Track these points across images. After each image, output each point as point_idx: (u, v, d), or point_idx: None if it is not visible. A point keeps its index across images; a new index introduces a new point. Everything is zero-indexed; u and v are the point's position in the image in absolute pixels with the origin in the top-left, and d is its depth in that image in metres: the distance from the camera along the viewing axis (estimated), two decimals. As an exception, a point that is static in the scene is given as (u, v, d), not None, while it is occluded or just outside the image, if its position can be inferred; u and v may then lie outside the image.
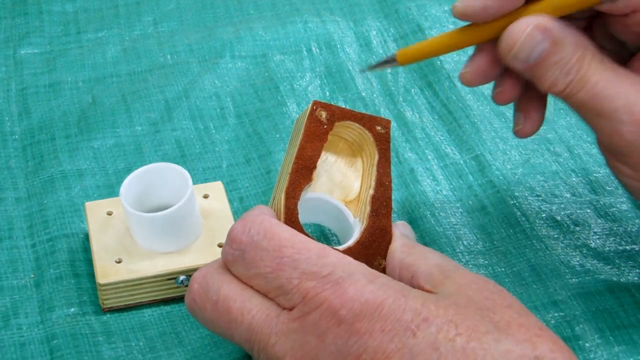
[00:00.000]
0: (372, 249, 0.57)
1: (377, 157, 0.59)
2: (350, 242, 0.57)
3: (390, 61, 0.58)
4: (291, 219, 0.56)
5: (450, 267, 0.53)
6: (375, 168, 0.59)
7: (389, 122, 0.61)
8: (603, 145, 0.56)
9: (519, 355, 0.47)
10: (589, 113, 0.55)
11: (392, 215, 0.58)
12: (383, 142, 0.60)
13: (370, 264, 0.56)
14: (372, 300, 0.49)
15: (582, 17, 0.56)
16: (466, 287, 0.51)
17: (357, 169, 0.61)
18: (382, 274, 0.51)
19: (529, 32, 0.54)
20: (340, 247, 0.56)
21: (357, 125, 0.60)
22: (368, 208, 0.58)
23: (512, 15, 0.55)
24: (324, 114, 0.60)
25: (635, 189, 0.57)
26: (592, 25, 0.58)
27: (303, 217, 0.57)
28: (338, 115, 0.60)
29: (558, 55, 0.54)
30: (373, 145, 0.59)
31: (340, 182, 0.61)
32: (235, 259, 0.52)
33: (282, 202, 0.56)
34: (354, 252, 0.56)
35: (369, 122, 0.60)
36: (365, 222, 0.57)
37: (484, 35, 0.56)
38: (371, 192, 0.58)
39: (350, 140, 0.61)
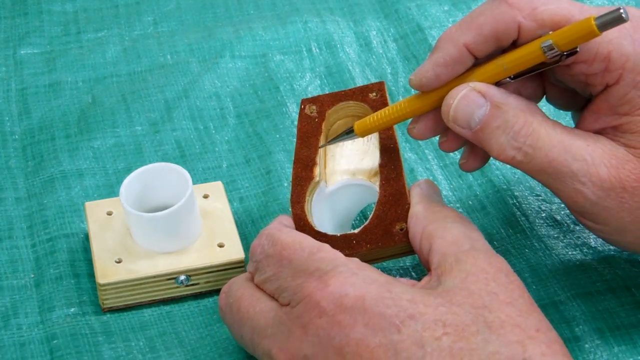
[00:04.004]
0: (388, 218, 0.57)
1: None
2: (367, 221, 0.57)
3: (348, 133, 0.60)
4: (300, 223, 0.57)
5: (466, 246, 0.53)
6: (378, 135, 0.59)
7: (381, 84, 0.61)
8: (568, 206, 0.56)
9: (507, 357, 0.47)
10: (548, 179, 0.55)
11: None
12: (380, 106, 0.60)
13: (391, 233, 0.56)
14: (353, 293, 0.50)
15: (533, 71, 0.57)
16: (473, 277, 0.51)
17: (377, 140, 0.61)
18: (369, 267, 0.52)
19: (462, 94, 0.55)
20: (357, 230, 0.57)
21: (352, 102, 0.60)
22: (379, 179, 0.58)
23: (461, 79, 0.56)
24: (314, 108, 0.61)
25: (607, 240, 0.58)
26: (545, 79, 0.59)
27: (341, 210, 0.57)
28: (328, 102, 0.61)
29: (500, 118, 0.54)
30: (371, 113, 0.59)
31: (361, 161, 0.61)
32: (254, 270, 0.55)
33: (291, 210, 0.58)
34: (370, 228, 0.56)
35: (360, 94, 0.61)
36: (378, 193, 0.58)
37: (437, 100, 0.57)
38: (379, 161, 0.59)
39: (360, 115, 0.61)
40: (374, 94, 0.61)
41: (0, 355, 0.58)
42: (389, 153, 0.59)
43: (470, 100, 0.55)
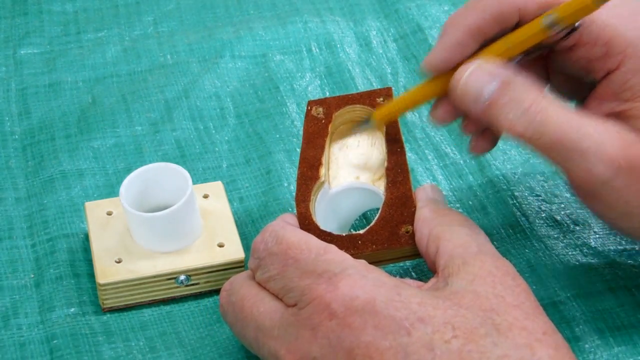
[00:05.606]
0: (394, 220, 0.57)
1: (384, 128, 0.59)
2: (373, 222, 0.57)
3: (367, 123, 0.61)
4: (305, 222, 0.57)
5: (474, 249, 0.53)
6: (384, 138, 0.60)
7: (389, 89, 0.61)
8: (575, 186, 0.56)
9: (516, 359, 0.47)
10: (557, 157, 0.54)
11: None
12: None
13: (397, 234, 0.56)
14: (363, 296, 0.49)
15: (536, 53, 0.57)
16: (480, 279, 0.51)
17: (381, 145, 0.61)
18: (377, 269, 0.52)
19: (471, 70, 0.55)
20: (362, 231, 0.57)
21: (358, 105, 0.60)
22: (385, 181, 0.58)
23: (469, 61, 0.56)
24: (321, 110, 0.61)
25: (614, 226, 0.57)
26: (549, 65, 0.59)
27: (342, 212, 0.57)
28: (335, 105, 0.61)
29: (510, 94, 0.54)
30: None
31: (365, 164, 0.61)
32: (257, 267, 0.54)
33: (295, 209, 0.58)
34: (376, 229, 0.57)
35: (368, 98, 0.61)
36: (384, 196, 0.58)
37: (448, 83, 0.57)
38: (385, 164, 0.59)
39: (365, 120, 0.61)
40: (382, 99, 0.61)
41: (0, 355, 0.58)
42: (396, 156, 0.59)
43: (479, 76, 0.54)
